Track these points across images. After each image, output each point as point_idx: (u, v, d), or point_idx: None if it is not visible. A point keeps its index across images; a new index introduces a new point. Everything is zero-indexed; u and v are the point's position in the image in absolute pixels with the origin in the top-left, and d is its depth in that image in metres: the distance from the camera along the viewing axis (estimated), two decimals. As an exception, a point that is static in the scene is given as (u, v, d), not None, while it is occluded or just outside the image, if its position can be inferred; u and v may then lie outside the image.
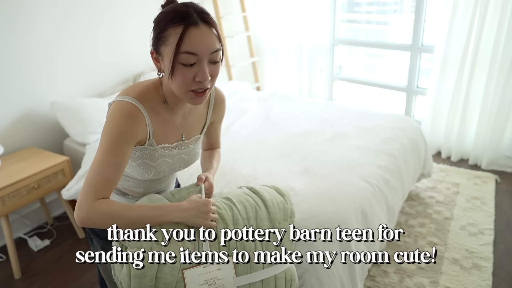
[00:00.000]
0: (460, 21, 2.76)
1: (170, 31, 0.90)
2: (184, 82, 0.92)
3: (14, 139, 2.30)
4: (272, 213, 1.08)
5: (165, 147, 1.07)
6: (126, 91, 1.00)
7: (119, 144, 0.92)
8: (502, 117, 2.77)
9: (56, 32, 2.38)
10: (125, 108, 0.95)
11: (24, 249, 2.26)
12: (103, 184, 0.91)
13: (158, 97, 1.02)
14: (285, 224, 1.09)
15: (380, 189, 1.82)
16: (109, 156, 0.92)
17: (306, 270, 1.48)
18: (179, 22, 0.89)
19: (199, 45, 0.90)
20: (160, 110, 1.03)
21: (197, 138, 1.15)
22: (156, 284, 0.92)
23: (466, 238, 2.14)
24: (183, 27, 0.88)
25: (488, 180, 2.71)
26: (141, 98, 0.98)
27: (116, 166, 0.93)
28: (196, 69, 0.92)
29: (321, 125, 2.38)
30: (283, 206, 1.11)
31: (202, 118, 1.15)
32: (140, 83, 1.03)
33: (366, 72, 4.19)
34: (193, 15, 0.90)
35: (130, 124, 0.94)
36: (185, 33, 0.88)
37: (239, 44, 4.01)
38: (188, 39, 0.88)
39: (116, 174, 0.93)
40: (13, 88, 2.24)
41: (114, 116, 0.94)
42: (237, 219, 1.04)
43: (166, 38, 0.90)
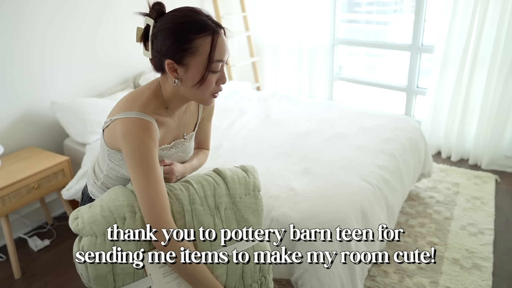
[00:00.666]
0: (460, 21, 2.76)
1: (198, 42, 0.94)
2: (209, 87, 0.99)
3: (14, 139, 2.30)
4: (231, 189, 1.08)
5: (164, 147, 1.10)
6: (129, 105, 0.99)
7: (152, 159, 0.95)
8: (502, 117, 2.77)
9: (56, 32, 2.38)
10: (138, 124, 0.95)
11: (24, 249, 2.26)
12: (163, 201, 0.94)
13: (160, 104, 1.04)
14: (247, 198, 1.09)
15: (380, 189, 1.82)
16: (150, 173, 0.94)
17: (306, 270, 1.49)
18: (205, 32, 0.94)
19: (225, 51, 0.99)
20: (162, 116, 1.05)
21: (192, 135, 1.20)
22: (114, 269, 0.92)
23: (466, 238, 2.14)
24: (211, 36, 0.95)
25: (488, 180, 2.71)
26: (146, 110, 0.99)
27: (160, 179, 0.96)
28: (219, 74, 1.00)
29: (321, 125, 2.38)
30: (244, 181, 1.11)
31: (194, 115, 1.20)
32: (138, 95, 1.03)
33: (366, 72, 4.19)
34: (211, 23, 0.95)
35: (150, 136, 0.96)
36: (216, 42, 0.95)
37: (239, 44, 4.01)
38: (218, 48, 0.96)
39: (164, 186, 0.96)
40: (13, 88, 2.24)
41: (132, 136, 0.94)
42: (193, 198, 1.03)
43: (196, 48, 0.94)
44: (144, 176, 0.93)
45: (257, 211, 1.09)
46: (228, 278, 1.01)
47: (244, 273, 1.03)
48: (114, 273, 0.93)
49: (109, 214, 0.96)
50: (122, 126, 0.96)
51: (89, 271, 0.92)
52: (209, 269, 0.98)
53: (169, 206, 0.96)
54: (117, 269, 0.93)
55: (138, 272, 0.94)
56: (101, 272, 0.92)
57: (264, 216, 1.61)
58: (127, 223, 0.96)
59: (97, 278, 0.92)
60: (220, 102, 2.86)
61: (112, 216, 0.96)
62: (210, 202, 1.04)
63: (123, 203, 0.98)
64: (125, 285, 0.93)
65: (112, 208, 0.97)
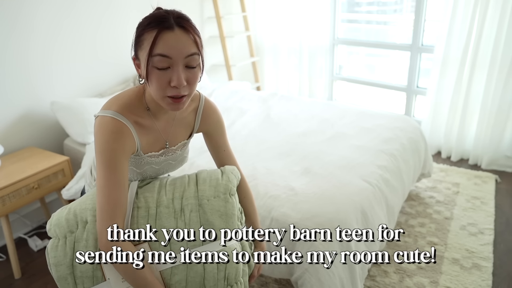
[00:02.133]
0: (460, 21, 2.76)
1: (146, 35, 0.90)
2: (159, 86, 0.91)
3: (14, 139, 2.30)
4: (200, 190, 1.03)
5: (152, 155, 1.07)
6: (109, 104, 0.98)
7: (115, 164, 0.92)
8: (502, 117, 2.77)
9: (56, 32, 2.38)
10: (110, 125, 0.93)
11: (24, 249, 2.26)
12: (114, 207, 0.92)
13: (141, 105, 1.01)
14: (216, 201, 1.02)
15: (380, 189, 1.82)
16: (110, 177, 0.92)
17: (306, 270, 1.49)
18: (155, 26, 0.89)
19: (173, 48, 0.89)
20: (144, 119, 1.02)
21: (184, 144, 1.14)
22: (74, 272, 0.93)
23: (466, 238, 2.14)
24: (157, 30, 0.89)
25: (488, 180, 2.71)
26: (124, 111, 0.97)
27: (119, 185, 0.93)
28: (171, 74, 0.91)
29: (321, 125, 2.38)
30: (215, 183, 1.05)
31: (188, 125, 1.14)
32: (122, 94, 1.02)
33: (366, 72, 4.19)
34: (169, 20, 0.90)
35: (120, 141, 0.93)
36: (159, 36, 0.88)
37: (239, 44, 4.01)
38: (161, 42, 0.88)
39: (122, 193, 0.93)
40: (13, 88, 2.24)
41: (101, 136, 0.93)
42: (161, 200, 1.01)
43: (142, 42, 0.91)
44: (104, 179, 0.92)
45: (226, 215, 1.01)
46: (188, 286, 0.95)
47: (206, 281, 0.96)
48: (74, 275, 0.93)
49: (73, 217, 0.96)
50: (96, 124, 0.96)
51: (53, 272, 0.94)
52: (167, 276, 0.94)
53: (122, 213, 0.93)
54: (77, 271, 0.93)
55: (97, 276, 0.93)
56: (62, 274, 0.93)
57: (264, 216, 1.61)
58: (88, 226, 0.95)
59: (59, 279, 0.93)
60: (220, 102, 2.86)
61: (75, 219, 0.96)
62: (177, 204, 1.01)
63: (88, 206, 0.98)
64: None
65: (77, 211, 0.97)
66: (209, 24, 3.61)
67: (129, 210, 0.98)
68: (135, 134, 0.98)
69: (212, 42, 3.70)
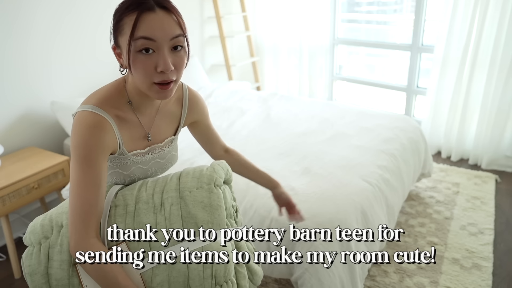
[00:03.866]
0: (460, 21, 2.76)
1: (126, 20, 0.85)
2: (145, 73, 0.85)
3: (14, 139, 2.30)
4: (182, 183, 0.95)
5: (137, 153, 1.01)
6: (87, 99, 0.93)
7: (91, 161, 0.86)
8: (502, 117, 2.77)
9: (55, 31, 2.38)
10: (87, 119, 0.87)
11: (24, 248, 2.25)
12: (89, 208, 0.85)
13: (122, 98, 0.95)
14: (199, 192, 0.93)
15: (380, 189, 1.82)
16: (85, 176, 0.85)
17: (306, 270, 1.49)
18: (134, 8, 0.84)
19: (156, 29, 0.83)
20: (125, 113, 0.96)
21: (171, 140, 1.09)
22: (50, 280, 0.89)
23: (466, 238, 2.14)
24: (137, 12, 0.83)
25: (488, 180, 2.71)
26: (103, 104, 0.91)
27: (95, 185, 0.86)
28: (156, 58, 0.85)
29: (321, 125, 2.38)
30: (198, 174, 0.96)
31: (174, 118, 1.08)
32: (101, 88, 0.96)
33: (366, 72, 4.19)
34: (149, 1, 0.84)
35: (97, 136, 0.87)
36: (139, 18, 0.83)
37: (239, 44, 4.01)
38: (143, 24, 0.83)
39: (98, 194, 0.87)
40: (13, 88, 2.24)
41: (77, 130, 0.86)
42: (140, 196, 0.94)
43: (122, 27, 0.86)
44: (78, 177, 0.85)
45: (210, 206, 0.92)
46: (171, 287, 0.88)
47: (190, 280, 0.87)
48: (50, 284, 0.89)
49: (48, 222, 0.92)
50: (74, 120, 0.90)
51: (28, 281, 0.90)
52: (148, 278, 0.88)
53: (97, 215, 0.87)
54: (52, 280, 0.89)
55: (74, 284, 0.89)
56: (37, 284, 0.89)
57: (264, 216, 1.61)
58: (62, 231, 0.91)
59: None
60: (220, 102, 2.86)
61: (50, 224, 0.92)
62: (156, 199, 0.94)
63: (65, 209, 0.94)
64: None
65: (53, 216, 0.94)
66: (209, 24, 3.61)
67: (106, 210, 0.92)
68: (115, 129, 0.92)
69: (212, 42, 3.70)
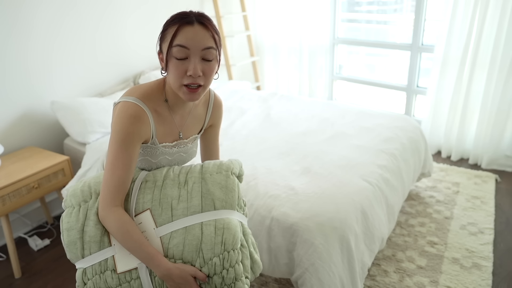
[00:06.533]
0: (460, 21, 2.76)
1: (169, 30, 1.00)
2: (177, 75, 1.00)
3: (14, 138, 2.30)
4: (204, 167, 1.11)
5: (166, 145, 1.14)
6: (131, 91, 1.07)
7: (127, 145, 1.00)
8: (502, 116, 2.77)
9: (55, 31, 2.38)
10: (130, 109, 1.01)
11: (24, 248, 2.26)
12: (118, 184, 0.99)
13: (160, 96, 1.09)
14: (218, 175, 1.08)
15: (380, 188, 1.82)
16: (120, 157, 0.99)
17: (306, 270, 1.49)
18: (177, 21, 0.99)
19: (191, 40, 0.98)
20: (161, 109, 1.10)
21: (195, 138, 1.24)
22: (83, 236, 1.00)
23: (466, 238, 2.14)
24: (178, 24, 0.99)
25: (488, 180, 2.71)
26: (144, 98, 1.05)
27: (127, 165, 1.00)
28: (188, 64, 0.99)
29: (321, 125, 2.38)
30: (219, 163, 1.13)
31: (201, 119, 1.23)
32: (144, 84, 1.10)
33: (366, 72, 4.19)
34: (190, 16, 1.00)
35: (136, 124, 1.01)
36: (179, 29, 0.98)
37: (239, 43, 4.01)
38: (181, 34, 0.98)
39: (128, 173, 1.01)
40: (13, 87, 2.24)
41: (120, 118, 1.01)
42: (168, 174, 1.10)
43: (165, 35, 1.01)
44: (114, 157, 1.00)
45: (226, 188, 1.07)
46: (185, 249, 0.98)
47: (203, 244, 0.98)
48: (83, 240, 1.00)
49: (87, 189, 1.06)
50: (117, 108, 1.04)
51: (64, 237, 1.01)
52: (166, 240, 0.99)
53: (123, 192, 1.01)
54: (86, 236, 1.00)
55: (104, 241, 1.00)
56: (72, 239, 1.00)
57: (264, 215, 1.61)
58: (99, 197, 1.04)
59: (69, 244, 1.00)
60: (220, 101, 2.85)
61: (89, 190, 1.06)
62: (181, 178, 1.08)
63: (102, 180, 1.06)
64: (92, 253, 0.99)
65: (91, 184, 1.07)
66: (209, 23, 3.60)
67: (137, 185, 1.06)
68: (152, 121, 1.06)
69: (212, 42, 3.69)
